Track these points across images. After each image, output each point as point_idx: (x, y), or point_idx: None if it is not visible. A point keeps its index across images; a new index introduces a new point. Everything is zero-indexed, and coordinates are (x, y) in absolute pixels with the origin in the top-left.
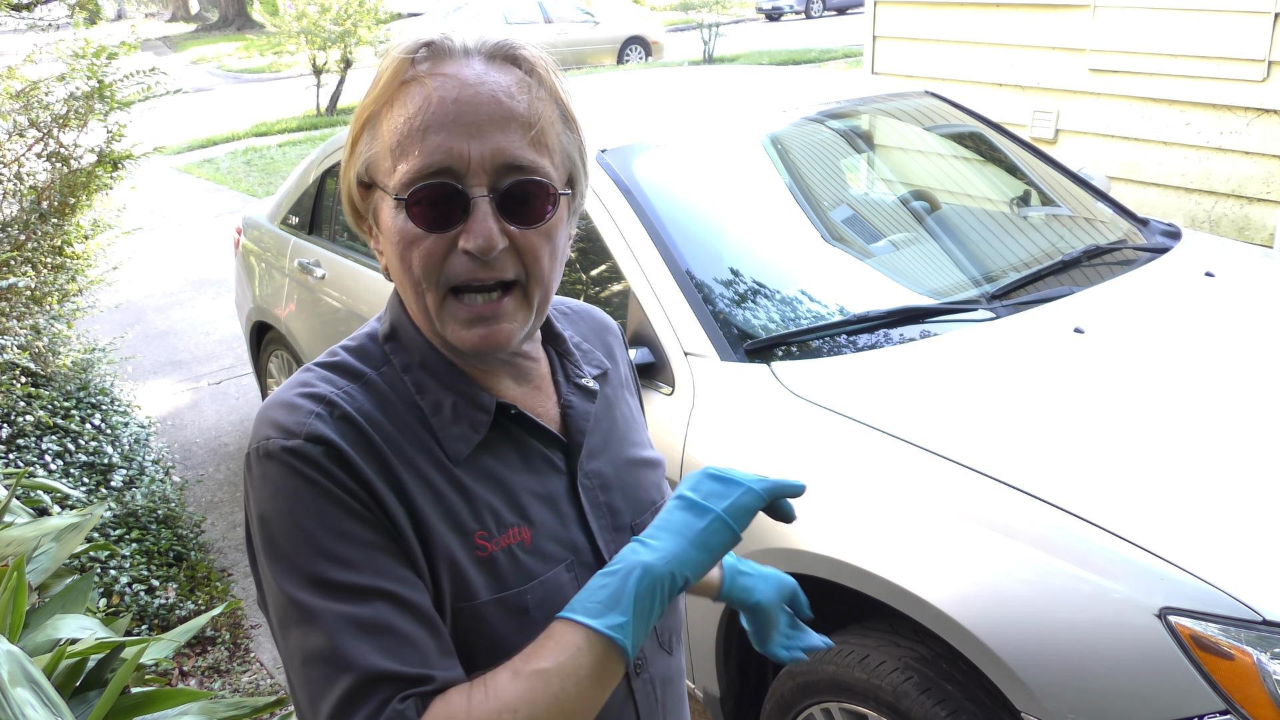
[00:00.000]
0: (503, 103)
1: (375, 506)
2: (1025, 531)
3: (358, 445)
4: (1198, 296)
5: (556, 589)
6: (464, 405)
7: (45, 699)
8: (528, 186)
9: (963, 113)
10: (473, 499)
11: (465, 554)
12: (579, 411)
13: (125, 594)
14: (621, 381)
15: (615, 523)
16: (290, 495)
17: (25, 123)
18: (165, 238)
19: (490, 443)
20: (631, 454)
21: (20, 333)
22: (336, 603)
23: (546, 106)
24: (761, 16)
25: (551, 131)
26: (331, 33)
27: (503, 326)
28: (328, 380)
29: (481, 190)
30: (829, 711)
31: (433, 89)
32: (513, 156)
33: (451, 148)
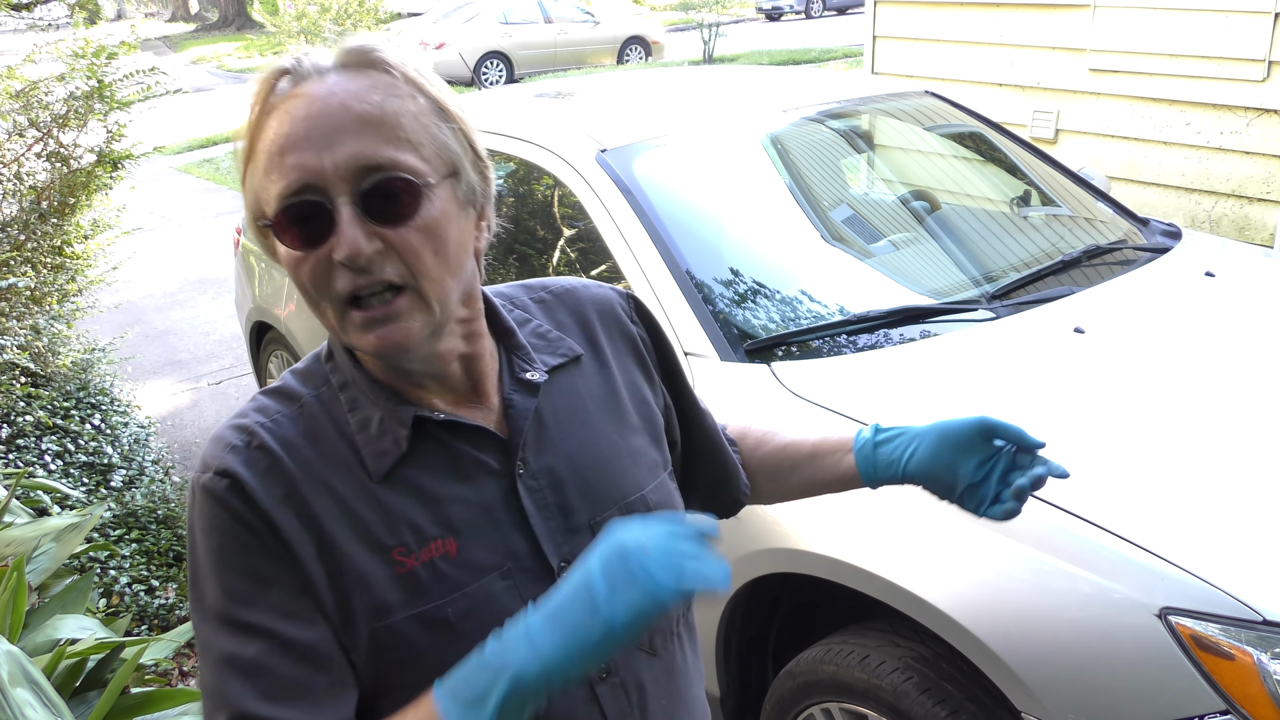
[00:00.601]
0: (352, 108)
1: (273, 540)
2: (1025, 531)
3: (268, 475)
4: (1198, 296)
5: (486, 599)
6: (389, 419)
7: (45, 699)
8: (389, 184)
9: (963, 113)
10: (391, 515)
11: (383, 571)
12: (519, 409)
13: (125, 594)
14: (605, 364)
15: (569, 524)
16: (203, 530)
17: (25, 123)
18: (165, 238)
19: (418, 455)
20: (602, 445)
21: (20, 333)
22: (226, 638)
23: (406, 102)
24: (761, 16)
25: (414, 125)
26: (332, 33)
27: (399, 326)
28: (260, 409)
29: (344, 198)
30: (829, 711)
31: (287, 111)
32: (367, 158)
33: (306, 163)
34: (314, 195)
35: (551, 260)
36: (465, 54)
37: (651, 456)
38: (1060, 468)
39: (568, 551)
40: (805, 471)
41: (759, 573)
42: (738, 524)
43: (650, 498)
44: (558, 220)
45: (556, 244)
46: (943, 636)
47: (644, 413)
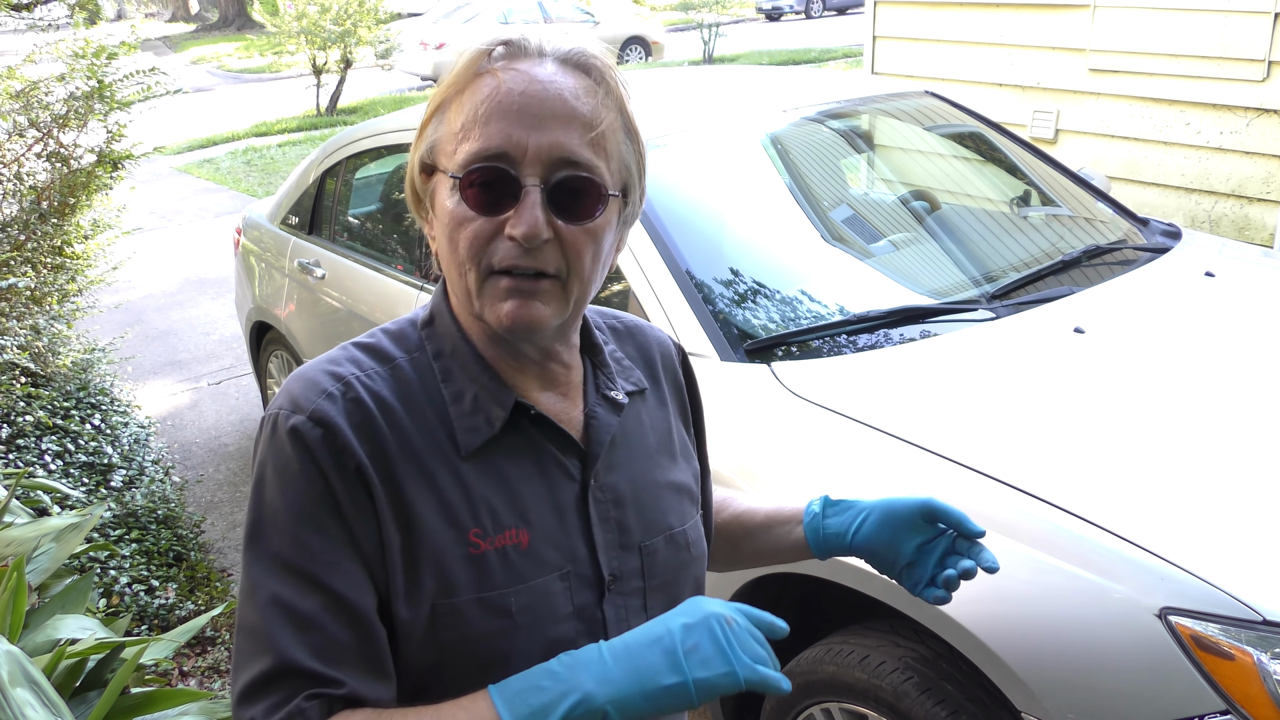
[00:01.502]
0: (567, 101)
1: (357, 498)
2: (1025, 531)
3: (360, 430)
4: (1198, 296)
5: (545, 595)
6: (485, 398)
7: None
8: (580, 183)
9: (963, 113)
10: (473, 496)
11: (457, 550)
12: (602, 422)
13: (125, 594)
14: (664, 402)
15: (623, 540)
16: (278, 471)
17: (25, 123)
18: (165, 238)
19: (505, 441)
20: (657, 476)
21: (20, 333)
22: (282, 586)
23: (610, 114)
24: (761, 16)
25: (612, 137)
26: (331, 33)
27: (536, 305)
28: (354, 361)
29: (535, 180)
30: (829, 711)
31: (503, 80)
32: (569, 152)
33: (511, 135)
34: (508, 166)
35: None
36: None
37: (690, 495)
38: (991, 561)
39: (617, 566)
40: (757, 540)
41: (759, 573)
42: None
43: (690, 533)
44: None
45: None
46: (943, 636)
47: (685, 455)
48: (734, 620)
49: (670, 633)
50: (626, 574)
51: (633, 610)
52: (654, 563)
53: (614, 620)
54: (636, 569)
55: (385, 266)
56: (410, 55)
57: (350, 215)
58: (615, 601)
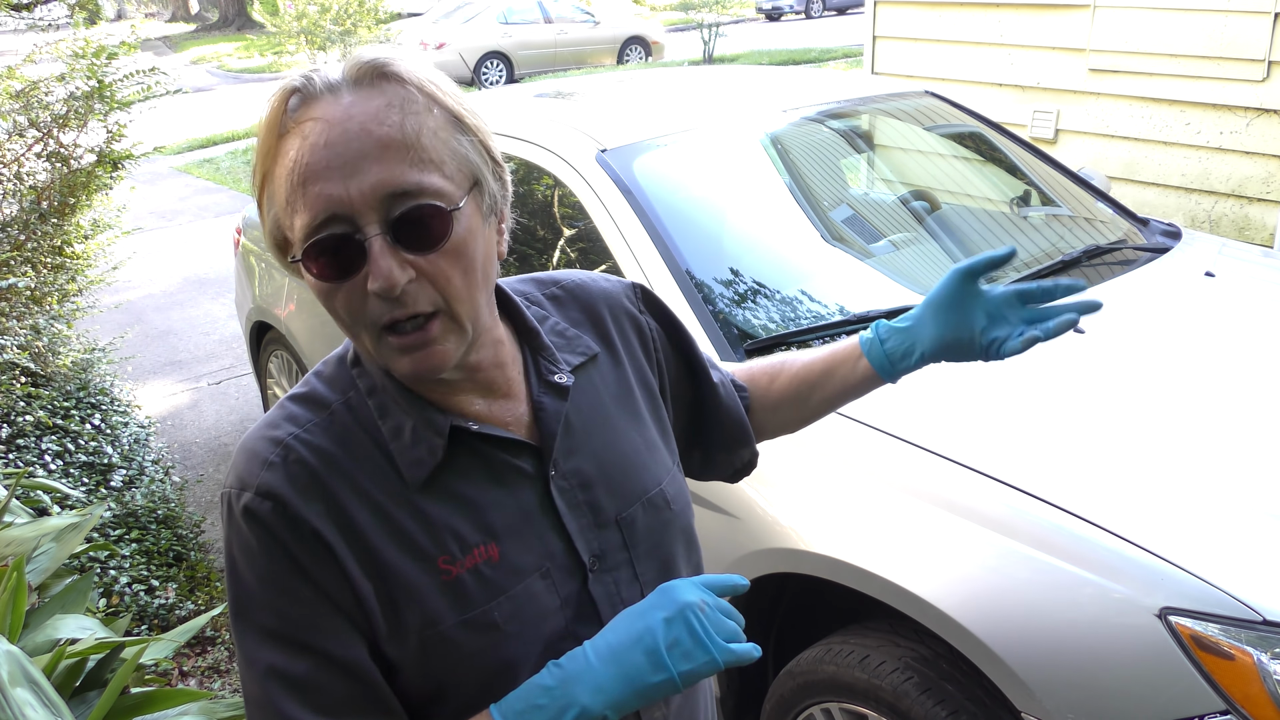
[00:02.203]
0: (372, 132)
1: (320, 558)
2: (1025, 531)
3: (309, 492)
4: (1198, 296)
5: (529, 599)
6: (422, 428)
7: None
8: (419, 211)
9: (963, 113)
10: (434, 524)
11: (429, 580)
12: (550, 413)
13: (125, 594)
14: (619, 360)
15: (598, 520)
16: (242, 550)
17: (25, 123)
18: (165, 238)
19: (454, 462)
20: (623, 442)
21: (20, 333)
22: (274, 655)
23: (425, 118)
24: (761, 16)
25: (435, 143)
26: (331, 32)
27: (434, 350)
28: (290, 419)
29: (374, 228)
30: (829, 711)
31: (306, 135)
32: (395, 184)
33: (331, 194)
34: (342, 226)
35: (551, 260)
36: (465, 54)
37: (663, 449)
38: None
39: (597, 547)
40: (827, 388)
41: (759, 573)
42: (738, 524)
43: (668, 491)
44: (558, 220)
45: (557, 244)
46: (943, 636)
47: (653, 406)
48: (706, 605)
49: (651, 630)
50: (609, 550)
51: (623, 582)
52: (634, 532)
53: (603, 598)
54: (619, 543)
55: None
56: (410, 55)
57: None
58: (602, 580)
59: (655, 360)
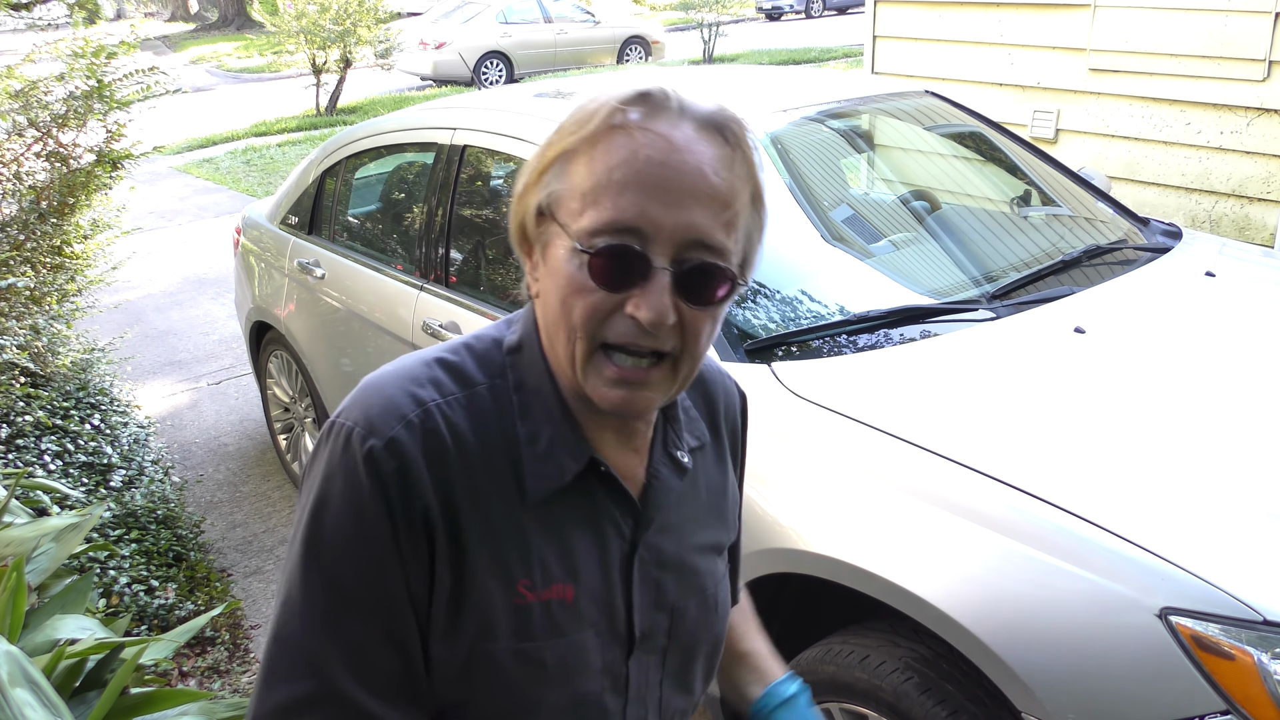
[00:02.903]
0: (707, 176)
1: (418, 540)
2: (1026, 531)
3: (433, 468)
4: (1198, 296)
5: (580, 651)
6: (560, 446)
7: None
8: (710, 268)
9: (963, 113)
10: (529, 546)
11: (504, 597)
12: (663, 484)
13: (125, 594)
14: (722, 457)
15: (658, 600)
16: (347, 496)
17: (24, 122)
18: (165, 238)
19: (569, 493)
20: (701, 537)
21: (20, 333)
22: (334, 609)
23: (743, 187)
24: (761, 16)
25: (742, 216)
26: (331, 32)
27: (644, 394)
28: (436, 383)
29: (664, 261)
30: (829, 711)
31: (641, 144)
32: (704, 234)
33: (645, 210)
34: (639, 243)
35: None
36: (465, 54)
37: (722, 553)
38: None
39: (648, 626)
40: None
41: (759, 573)
42: None
43: (720, 594)
44: None
45: None
46: (943, 636)
47: (733, 513)
48: None
49: None
50: (655, 633)
51: (652, 666)
52: (683, 623)
53: (637, 676)
54: (665, 628)
55: (385, 266)
56: (410, 55)
57: (350, 215)
58: (640, 659)
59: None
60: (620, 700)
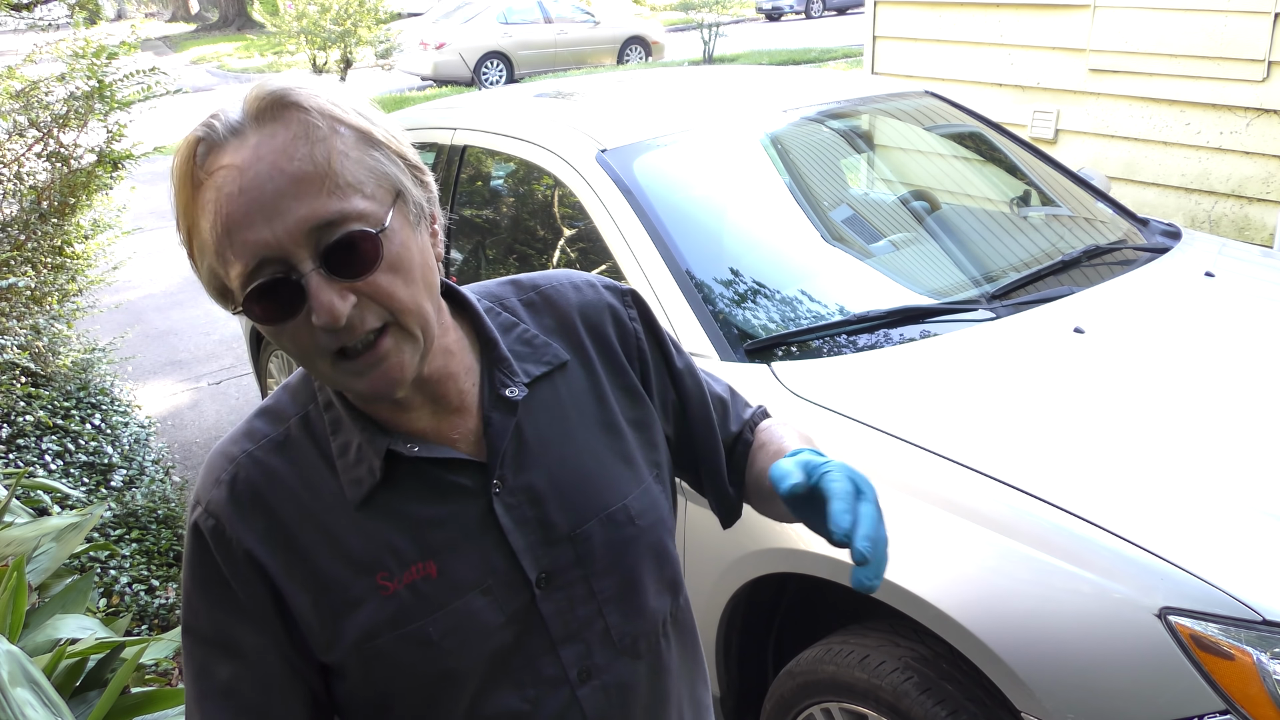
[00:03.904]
0: (284, 169)
1: (250, 576)
2: (1025, 531)
3: (251, 510)
4: (1198, 296)
5: (467, 616)
6: (365, 448)
7: (45, 699)
8: (348, 239)
9: (963, 113)
10: (372, 540)
11: (368, 595)
12: (497, 429)
13: (125, 594)
14: (592, 368)
15: (548, 536)
16: (188, 559)
17: (25, 123)
18: (165, 238)
19: (395, 481)
20: (585, 455)
21: (20, 333)
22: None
23: (333, 141)
24: (761, 16)
25: (349, 165)
26: (331, 33)
27: (389, 365)
28: (249, 434)
29: (308, 264)
30: (829, 711)
31: (218, 187)
32: (317, 217)
33: (258, 239)
34: (276, 269)
35: (551, 260)
36: (465, 54)
37: (640, 461)
38: None
39: (547, 563)
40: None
41: (759, 573)
42: (738, 524)
43: (633, 506)
44: (558, 220)
45: (556, 244)
46: (943, 636)
47: (636, 415)
48: None
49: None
50: (560, 568)
51: (578, 599)
52: (590, 548)
53: (553, 615)
54: (571, 559)
55: None
56: (410, 55)
57: None
58: (552, 597)
59: (644, 369)
60: (544, 641)
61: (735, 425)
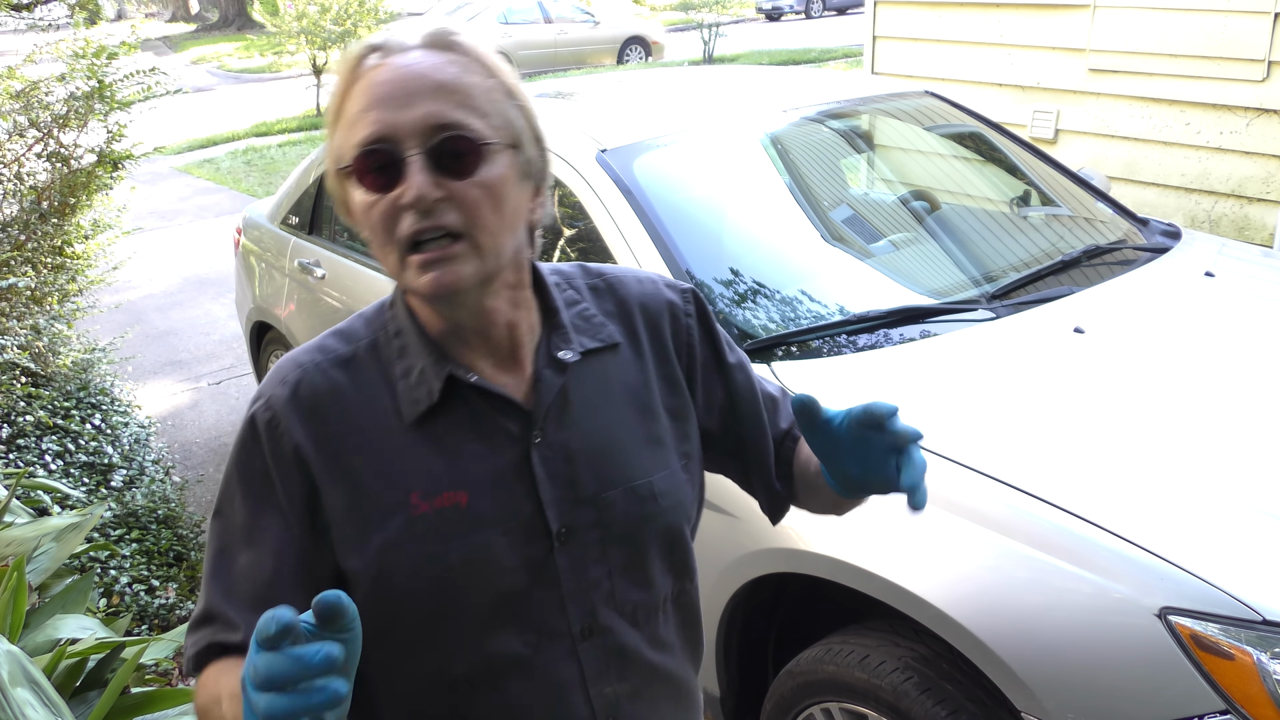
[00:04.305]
0: (429, 76)
1: (293, 471)
2: (1025, 531)
3: (305, 410)
4: (1198, 296)
5: (486, 550)
6: (428, 371)
7: (45, 699)
8: (456, 142)
9: (963, 113)
10: (414, 461)
11: (399, 510)
12: (546, 384)
13: (125, 594)
14: (642, 356)
15: (575, 494)
16: (238, 445)
17: (25, 123)
18: (165, 238)
19: (447, 409)
20: (621, 430)
21: (20, 333)
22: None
23: (478, 78)
24: (761, 16)
25: (483, 98)
26: (331, 33)
27: (452, 269)
28: (320, 348)
29: (414, 150)
30: (829, 711)
31: (374, 78)
32: (439, 118)
33: (384, 119)
34: (388, 145)
35: (551, 260)
36: None
37: (671, 449)
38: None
39: (569, 520)
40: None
41: (759, 573)
42: (738, 524)
43: (656, 485)
44: (558, 220)
45: (556, 244)
46: (943, 636)
47: (674, 404)
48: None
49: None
50: (579, 526)
51: (591, 560)
52: (611, 515)
53: (567, 569)
54: (591, 520)
55: None
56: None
57: None
58: (568, 552)
59: (690, 364)
60: (554, 594)
61: (785, 423)
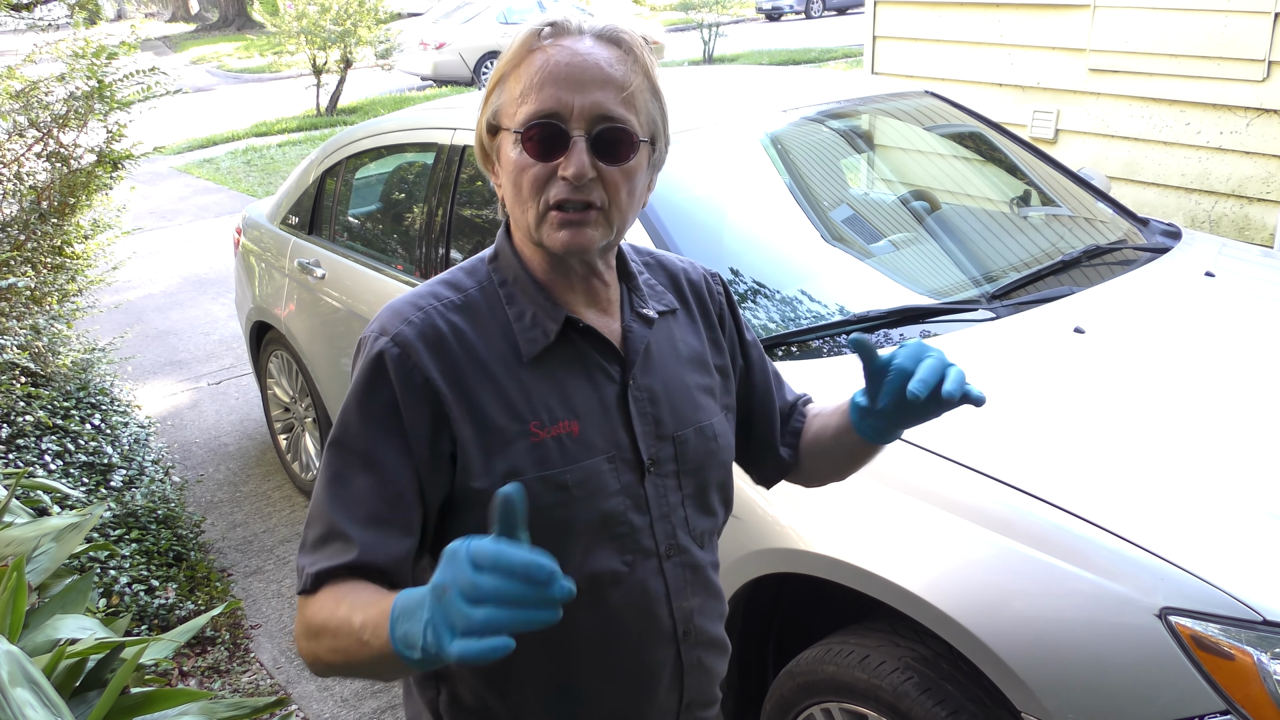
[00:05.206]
0: (603, 69)
1: (423, 403)
2: (1025, 531)
3: (434, 349)
4: (1198, 296)
5: (596, 474)
6: (541, 315)
7: (45, 699)
8: (616, 133)
9: (963, 113)
10: (532, 394)
11: (520, 438)
12: (636, 334)
13: (125, 594)
14: (694, 321)
15: (658, 431)
16: (361, 382)
17: (25, 123)
18: (165, 238)
19: (558, 351)
20: (687, 380)
21: (20, 333)
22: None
23: (637, 78)
24: (761, 16)
25: (640, 96)
26: (331, 33)
27: (585, 231)
28: (433, 294)
29: (580, 132)
30: (829, 711)
31: (552, 55)
32: (606, 109)
33: (560, 97)
34: (559, 122)
35: None
36: (465, 54)
37: (718, 399)
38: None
39: (654, 452)
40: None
41: (759, 573)
42: (738, 524)
43: (716, 427)
44: None
45: None
46: (943, 636)
47: (720, 363)
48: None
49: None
50: (662, 459)
51: (669, 488)
52: (685, 450)
53: (654, 496)
54: (671, 455)
55: (385, 266)
56: (410, 55)
57: (350, 215)
58: (654, 481)
59: (720, 338)
60: (645, 518)
61: (790, 396)
